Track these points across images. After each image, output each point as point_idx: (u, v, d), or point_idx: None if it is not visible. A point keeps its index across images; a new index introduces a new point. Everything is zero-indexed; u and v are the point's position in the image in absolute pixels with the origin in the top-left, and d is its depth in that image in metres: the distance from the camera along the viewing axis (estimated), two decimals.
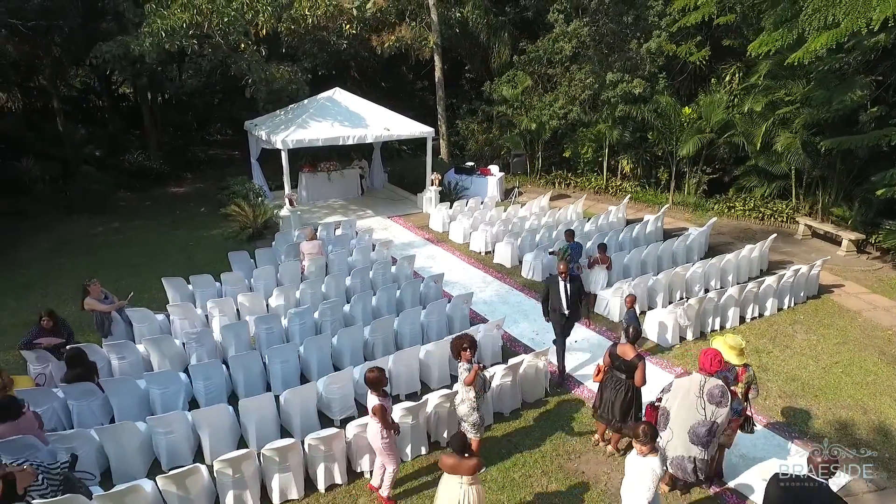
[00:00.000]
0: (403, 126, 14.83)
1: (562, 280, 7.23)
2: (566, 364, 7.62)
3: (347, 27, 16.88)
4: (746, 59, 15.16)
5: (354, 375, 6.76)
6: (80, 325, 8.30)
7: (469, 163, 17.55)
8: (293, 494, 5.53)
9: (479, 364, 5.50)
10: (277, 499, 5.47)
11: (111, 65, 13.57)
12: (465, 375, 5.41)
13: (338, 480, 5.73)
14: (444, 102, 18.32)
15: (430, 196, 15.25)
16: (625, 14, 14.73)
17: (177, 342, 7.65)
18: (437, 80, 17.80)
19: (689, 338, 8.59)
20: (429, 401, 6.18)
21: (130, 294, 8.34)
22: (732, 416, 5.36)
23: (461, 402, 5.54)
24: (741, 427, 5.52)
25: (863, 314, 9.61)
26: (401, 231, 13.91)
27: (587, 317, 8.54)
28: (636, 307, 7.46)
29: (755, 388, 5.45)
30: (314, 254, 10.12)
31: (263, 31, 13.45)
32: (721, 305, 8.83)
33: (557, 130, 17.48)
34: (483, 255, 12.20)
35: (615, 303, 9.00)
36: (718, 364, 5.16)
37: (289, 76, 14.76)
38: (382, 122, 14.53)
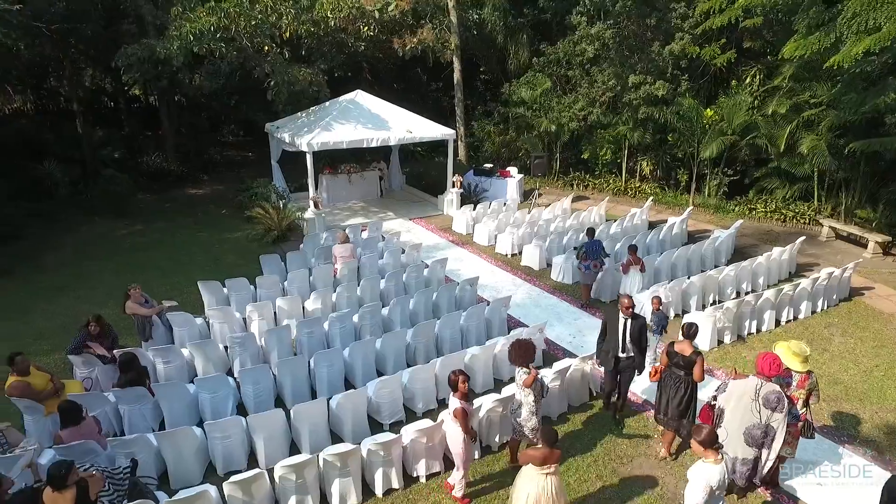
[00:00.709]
0: (425, 128, 14.85)
1: (622, 316, 6.18)
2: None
3: (365, 29, 16.90)
4: (767, 61, 15.22)
5: (403, 380, 6.78)
6: (118, 329, 8.30)
7: (487, 164, 17.56)
8: (352, 499, 5.55)
9: (538, 369, 5.53)
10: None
11: (135, 67, 13.57)
12: (522, 378, 5.43)
13: (395, 485, 5.75)
14: (463, 104, 18.31)
15: (452, 198, 15.26)
16: (647, 16, 14.74)
17: (220, 346, 7.67)
18: (456, 83, 17.82)
19: (727, 341, 8.60)
20: (482, 405, 6.19)
21: (173, 302, 8.37)
22: (791, 422, 5.38)
23: (519, 407, 5.56)
24: (801, 433, 5.53)
25: None
26: (424, 233, 13.92)
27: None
28: (663, 309, 7.65)
29: (816, 395, 5.47)
30: (346, 257, 10.15)
31: (287, 34, 13.47)
32: (757, 308, 8.84)
33: (575, 132, 17.49)
34: (509, 258, 12.21)
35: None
36: (777, 369, 5.18)
37: (310, 78, 14.78)
38: (404, 125, 14.55)
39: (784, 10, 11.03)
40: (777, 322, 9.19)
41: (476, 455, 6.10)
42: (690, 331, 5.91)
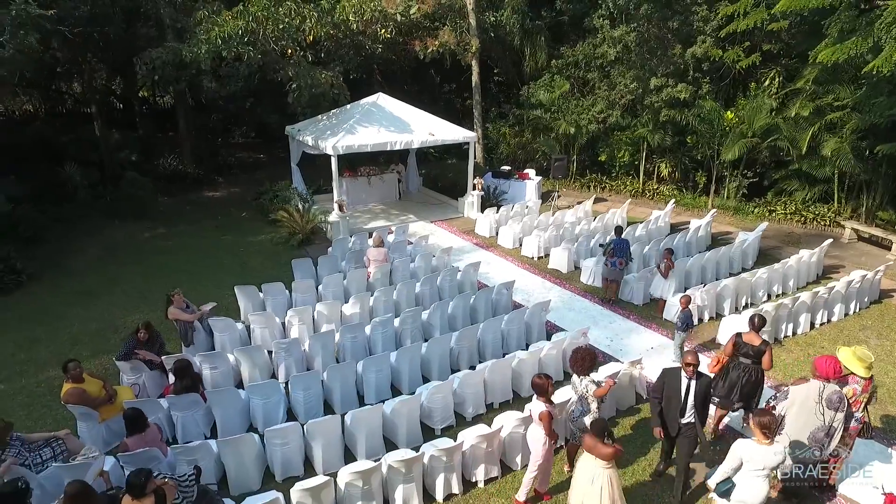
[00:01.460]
0: (447, 131, 14.88)
1: (685, 377, 5.33)
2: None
3: (383, 31, 16.91)
4: (786, 64, 15.29)
5: (454, 385, 6.81)
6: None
7: (505, 167, 17.59)
8: None
9: (613, 380, 5.58)
10: None
11: (159, 70, 13.57)
12: (592, 388, 5.47)
13: (454, 490, 5.78)
14: (481, 107, 18.34)
15: (472, 201, 15.29)
16: (669, 19, 14.79)
17: (265, 352, 7.69)
18: (475, 85, 17.85)
19: None
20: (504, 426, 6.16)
21: (214, 304, 8.38)
22: (853, 424, 5.46)
23: (583, 415, 5.58)
24: (860, 433, 5.61)
25: None
26: (447, 236, 13.94)
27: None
28: (691, 308, 7.90)
29: (875, 398, 5.54)
30: (380, 261, 10.18)
31: (311, 37, 13.48)
32: (794, 311, 8.89)
33: (593, 134, 17.53)
34: (536, 261, 12.24)
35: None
36: (838, 371, 5.28)
37: (332, 81, 14.78)
38: (426, 128, 14.56)
39: (811, 15, 11.06)
40: (812, 325, 9.25)
41: (518, 464, 6.12)
42: (758, 323, 6.18)
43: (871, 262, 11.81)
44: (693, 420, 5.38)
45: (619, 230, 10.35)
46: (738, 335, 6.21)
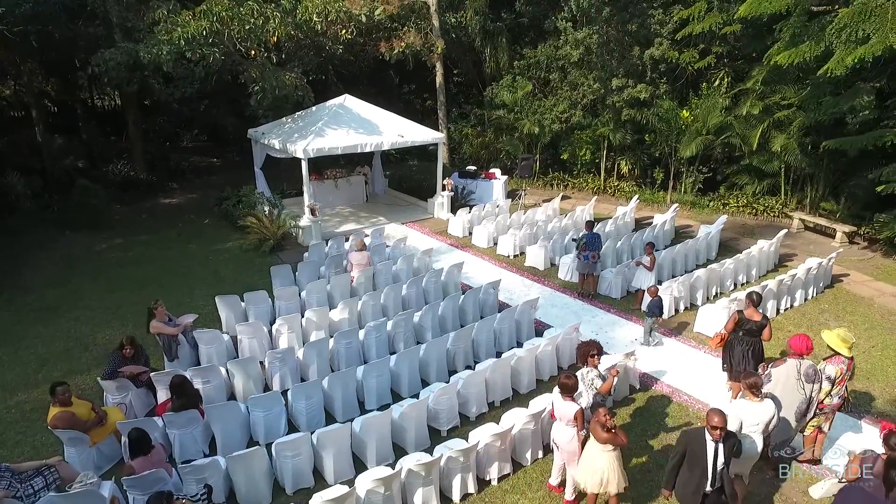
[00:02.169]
0: (416, 132, 14.85)
1: (711, 440, 4.61)
2: None
3: (343, 32, 16.68)
4: (734, 66, 16.19)
5: (458, 386, 6.85)
6: None
7: (471, 167, 17.76)
8: None
9: (616, 370, 5.75)
10: None
11: (111, 72, 12.86)
12: (598, 383, 5.64)
13: (470, 490, 5.83)
14: (445, 107, 18.41)
15: (443, 201, 15.35)
16: (628, 22, 15.36)
17: (257, 363, 7.48)
18: (439, 86, 17.91)
19: None
20: (515, 425, 6.29)
21: (195, 316, 8.06)
22: (836, 400, 5.93)
23: (589, 408, 5.75)
24: (840, 408, 6.10)
25: (875, 300, 10.52)
26: (420, 237, 13.94)
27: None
28: (662, 296, 8.73)
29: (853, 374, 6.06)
30: (363, 265, 10.08)
31: (275, 38, 13.14)
32: (763, 298, 9.42)
33: (556, 134, 17.96)
34: (512, 259, 12.44)
35: (666, 300, 9.46)
36: (810, 347, 5.89)
37: (296, 83, 14.47)
38: (395, 129, 14.50)
39: (759, 19, 11.76)
40: (778, 310, 9.86)
41: (528, 460, 6.30)
42: (756, 299, 6.85)
43: (819, 250, 12.71)
44: (721, 483, 4.67)
45: (591, 224, 10.62)
46: (740, 312, 6.78)
